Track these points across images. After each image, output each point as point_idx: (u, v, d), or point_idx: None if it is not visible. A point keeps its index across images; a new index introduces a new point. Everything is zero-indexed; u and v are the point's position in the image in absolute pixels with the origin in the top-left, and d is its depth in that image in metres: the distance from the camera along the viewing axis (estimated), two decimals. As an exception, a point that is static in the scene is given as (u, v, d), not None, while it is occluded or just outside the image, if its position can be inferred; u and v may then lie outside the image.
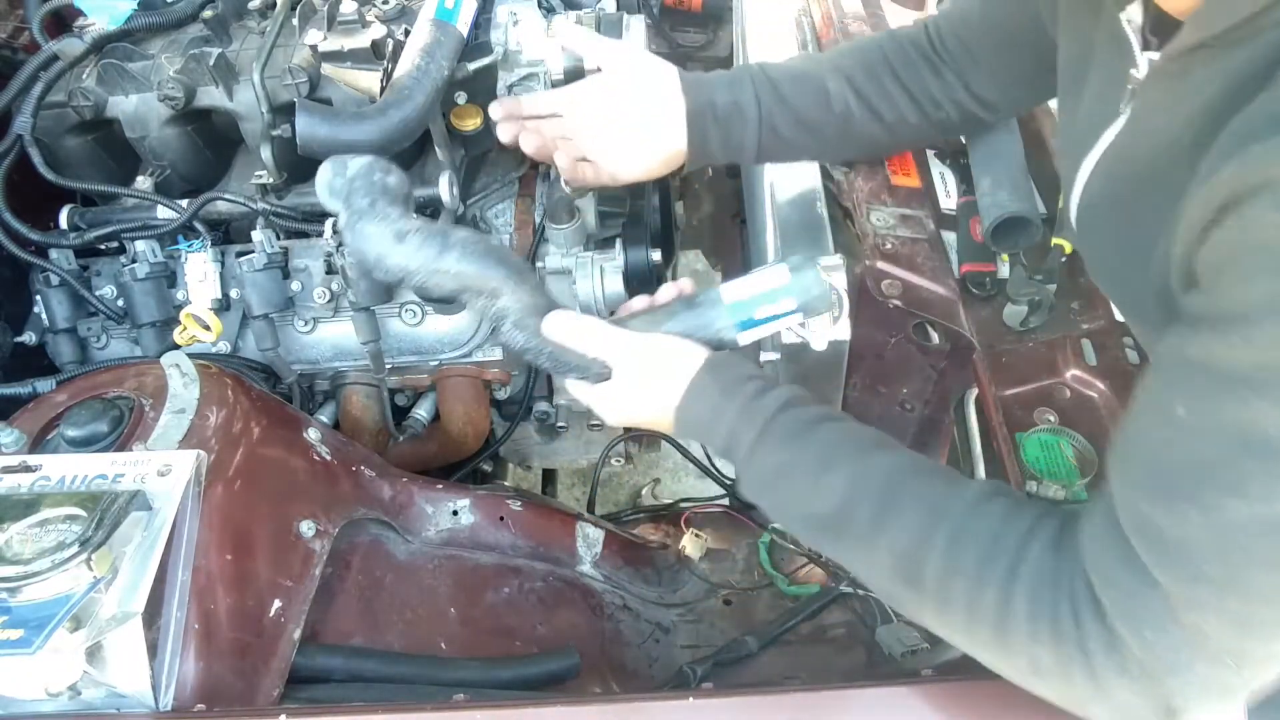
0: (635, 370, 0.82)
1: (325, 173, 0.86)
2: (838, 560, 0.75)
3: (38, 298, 1.15)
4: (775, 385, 0.78)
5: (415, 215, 0.82)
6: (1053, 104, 0.99)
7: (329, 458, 0.98)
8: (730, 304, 0.84)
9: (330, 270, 1.13)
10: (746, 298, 0.84)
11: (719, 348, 0.85)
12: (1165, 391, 0.56)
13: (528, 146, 1.03)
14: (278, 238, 1.13)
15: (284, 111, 1.10)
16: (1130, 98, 0.70)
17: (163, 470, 0.79)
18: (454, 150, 1.19)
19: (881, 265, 1.00)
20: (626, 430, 1.30)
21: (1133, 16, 0.69)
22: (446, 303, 1.13)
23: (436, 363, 1.19)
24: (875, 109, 1.00)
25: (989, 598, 0.63)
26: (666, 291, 0.89)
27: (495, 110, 1.03)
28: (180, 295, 1.14)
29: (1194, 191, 0.56)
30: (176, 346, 1.11)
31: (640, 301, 0.89)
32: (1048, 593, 0.61)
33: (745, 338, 0.86)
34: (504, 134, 1.06)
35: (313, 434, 0.99)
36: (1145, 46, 0.68)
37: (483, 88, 1.15)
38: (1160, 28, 0.68)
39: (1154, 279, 0.64)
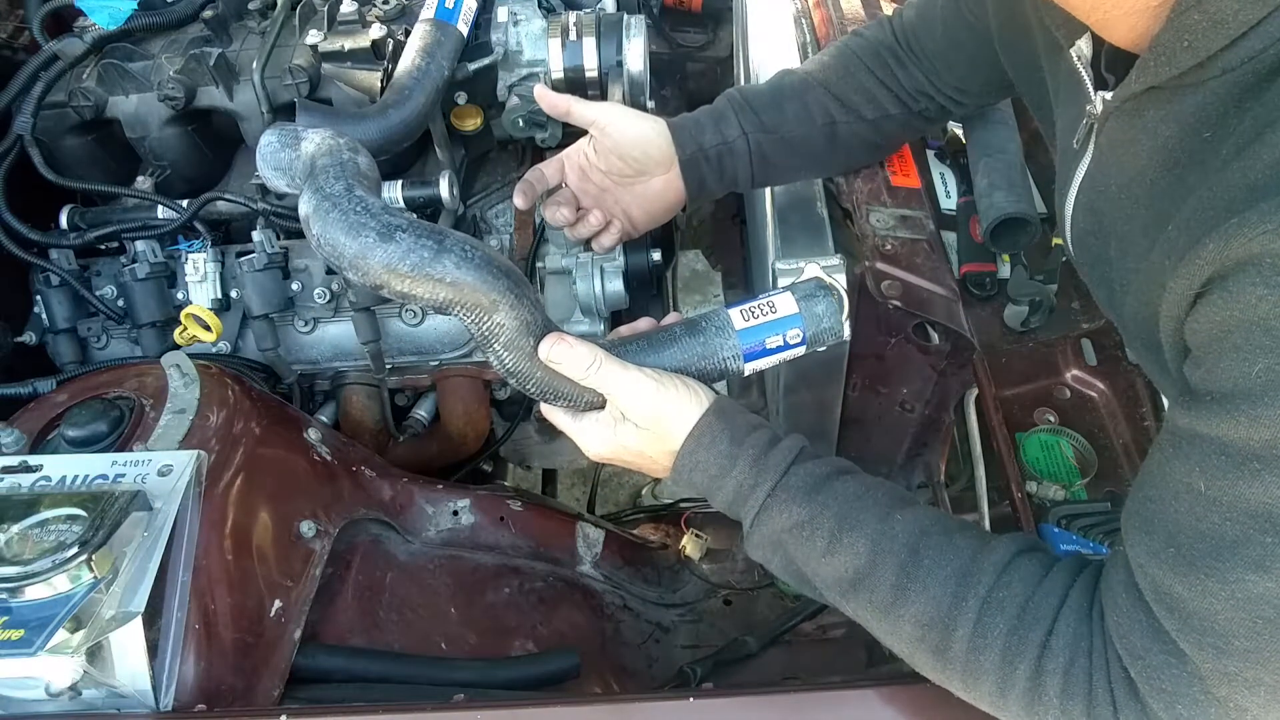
0: (634, 409, 0.76)
1: (270, 143, 0.75)
2: (854, 619, 0.72)
3: (38, 298, 1.15)
4: (781, 434, 0.75)
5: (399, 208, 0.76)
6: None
7: (329, 458, 0.98)
8: (740, 331, 0.78)
9: (330, 270, 1.13)
10: (755, 326, 0.79)
11: (721, 377, 0.80)
12: (1182, 463, 0.56)
13: (559, 220, 1.03)
14: (278, 238, 1.13)
15: (284, 111, 1.10)
16: (1091, 133, 0.70)
17: (163, 470, 0.79)
18: (454, 150, 1.19)
19: (881, 266, 1.00)
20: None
21: (1082, 52, 0.69)
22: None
23: (437, 363, 1.19)
24: (857, 109, 1.01)
25: (1021, 673, 0.62)
26: (668, 319, 0.84)
27: (519, 200, 1.03)
28: (180, 295, 1.14)
29: (1170, 255, 0.56)
30: (176, 346, 1.11)
31: (644, 323, 0.84)
32: (1081, 670, 0.60)
33: (751, 368, 0.80)
34: (524, 205, 1.05)
35: (313, 434, 0.99)
36: (1100, 80, 0.69)
37: (483, 88, 1.15)
38: (1115, 62, 0.68)
39: (1137, 318, 0.65)
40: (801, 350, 0.80)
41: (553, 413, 0.81)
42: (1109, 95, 0.66)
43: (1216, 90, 0.56)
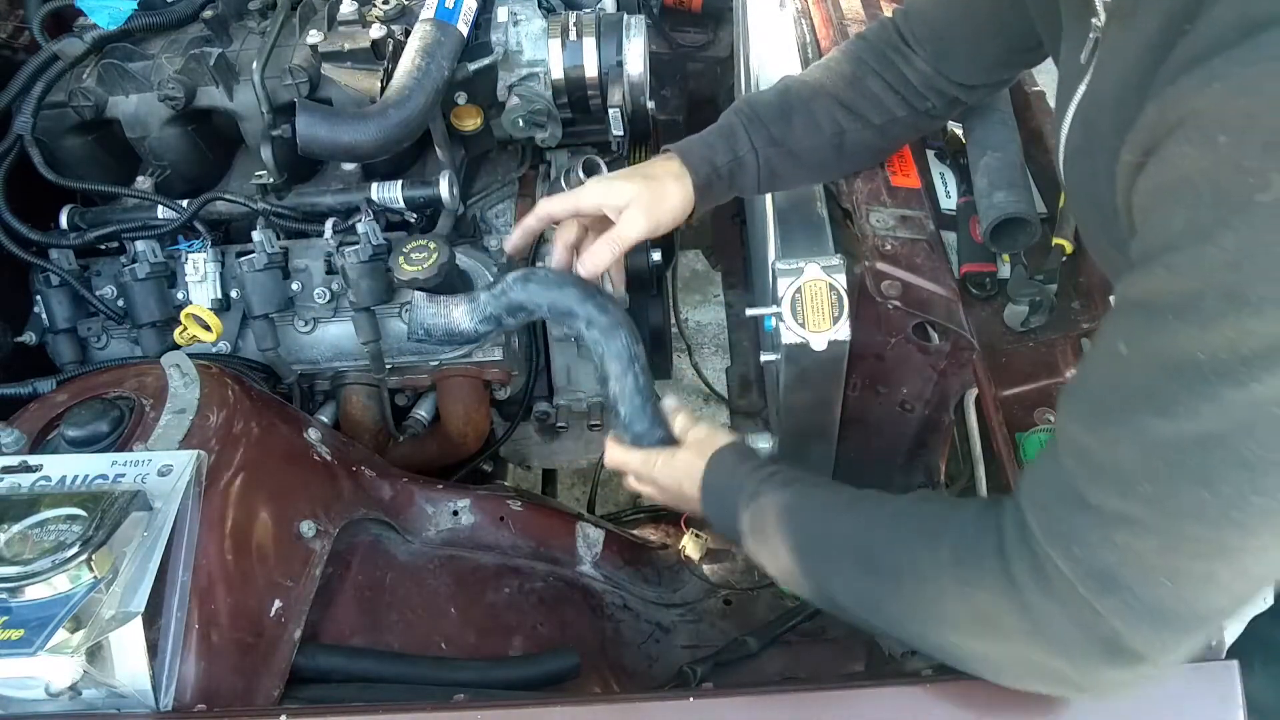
0: (697, 437, 0.93)
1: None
2: (828, 592, 0.77)
3: (38, 298, 1.15)
4: (779, 465, 0.87)
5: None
6: (1050, 98, 0.99)
7: (329, 458, 0.98)
8: None
9: (330, 270, 1.14)
10: None
11: None
12: (1110, 332, 0.58)
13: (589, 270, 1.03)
14: (278, 238, 1.13)
15: (284, 111, 1.10)
16: (1094, 47, 0.71)
17: (163, 470, 0.79)
18: (454, 150, 1.19)
19: (881, 266, 1.00)
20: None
21: None
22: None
23: (436, 363, 1.19)
24: (864, 116, 1.00)
25: (924, 553, 0.67)
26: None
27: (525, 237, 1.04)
28: (180, 295, 1.14)
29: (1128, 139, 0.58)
30: (176, 346, 1.11)
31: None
32: (971, 535, 0.65)
33: None
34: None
35: (313, 434, 0.99)
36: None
37: (483, 88, 1.15)
38: None
39: (1119, 232, 0.66)
40: None
41: (628, 454, 0.97)
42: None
43: None
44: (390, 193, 1.14)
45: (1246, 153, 0.48)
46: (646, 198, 0.96)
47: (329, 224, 1.12)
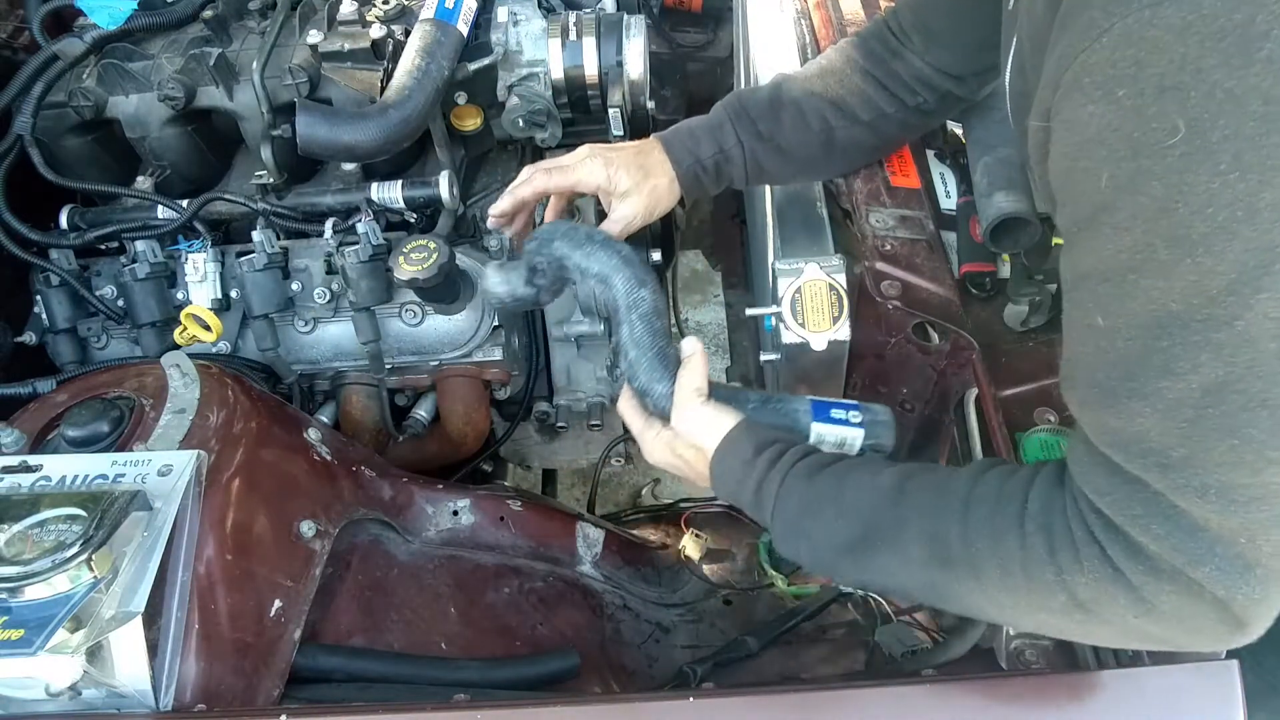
0: (678, 420, 0.85)
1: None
2: (877, 583, 0.76)
3: (38, 298, 1.15)
4: (796, 444, 0.81)
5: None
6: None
7: (329, 458, 0.98)
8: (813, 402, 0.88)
9: (330, 270, 1.14)
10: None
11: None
12: (1078, 310, 0.58)
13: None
14: (278, 238, 1.13)
15: (284, 111, 1.10)
16: None
17: (163, 470, 0.79)
18: (454, 150, 1.19)
19: (881, 266, 1.00)
20: (627, 432, 1.30)
21: None
22: (449, 302, 1.13)
23: (436, 363, 1.19)
24: (852, 112, 1.01)
25: (1010, 545, 0.63)
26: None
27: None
28: (180, 295, 1.14)
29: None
30: (176, 346, 1.11)
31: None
32: (1060, 524, 0.62)
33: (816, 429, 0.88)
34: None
35: (313, 434, 0.99)
36: None
37: (483, 88, 1.15)
38: None
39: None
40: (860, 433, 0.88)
41: (629, 412, 0.90)
42: None
43: None
44: (390, 193, 1.14)
45: (1146, 101, 0.49)
46: (643, 188, 0.98)
47: (329, 224, 1.12)
